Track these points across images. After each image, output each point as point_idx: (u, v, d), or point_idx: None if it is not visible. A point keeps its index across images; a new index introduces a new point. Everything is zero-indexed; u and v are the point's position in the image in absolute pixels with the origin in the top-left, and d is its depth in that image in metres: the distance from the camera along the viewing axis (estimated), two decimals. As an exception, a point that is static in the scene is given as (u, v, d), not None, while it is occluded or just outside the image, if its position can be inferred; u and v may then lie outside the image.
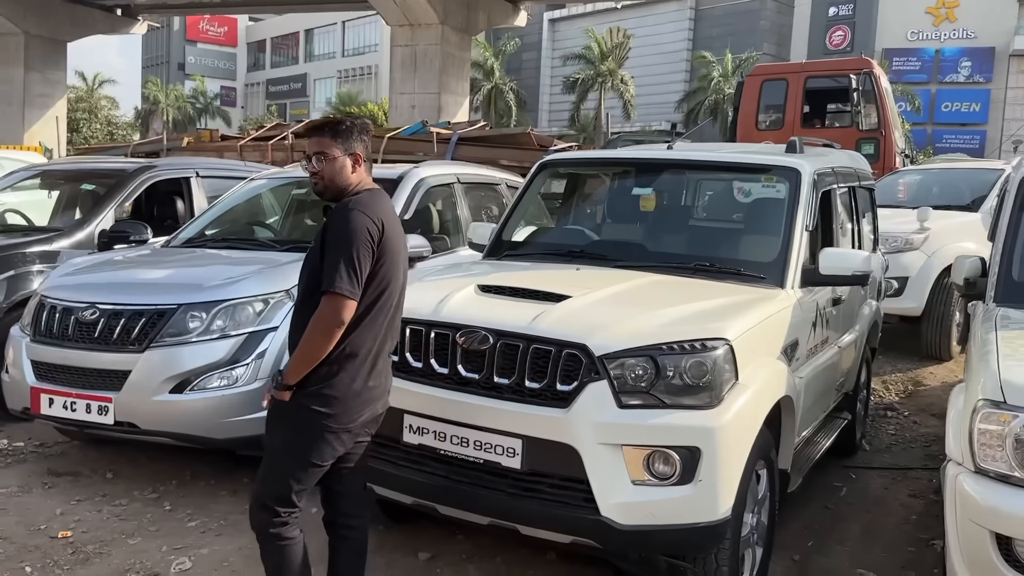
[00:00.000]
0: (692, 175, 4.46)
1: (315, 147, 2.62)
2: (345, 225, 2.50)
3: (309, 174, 2.66)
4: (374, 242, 2.53)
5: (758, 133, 11.38)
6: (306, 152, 2.67)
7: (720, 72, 40.35)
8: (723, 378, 2.84)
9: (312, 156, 2.62)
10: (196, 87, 59.53)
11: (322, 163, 2.61)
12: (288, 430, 2.58)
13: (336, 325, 2.47)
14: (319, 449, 2.56)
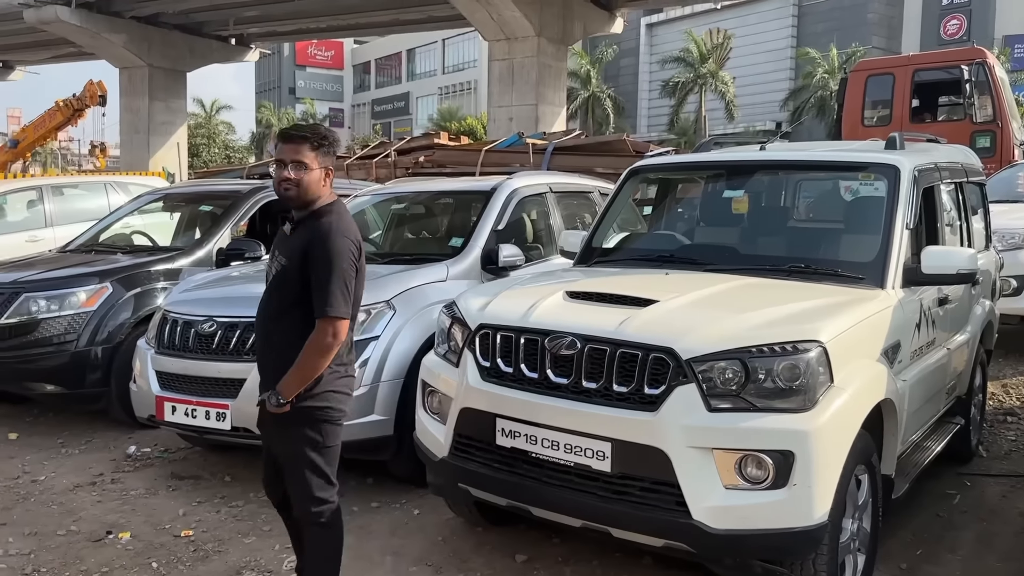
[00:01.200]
0: (786, 176, 4.38)
1: (293, 154, 2.64)
2: (331, 248, 2.62)
3: (280, 179, 2.65)
4: (356, 261, 2.71)
5: (864, 130, 10.98)
6: (281, 157, 2.65)
7: (826, 68, 39.07)
8: (817, 381, 2.79)
9: (289, 163, 2.64)
10: (306, 110, 62.01)
11: (299, 172, 2.65)
12: (301, 432, 2.76)
13: (335, 346, 2.66)
14: (334, 434, 2.82)
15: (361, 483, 4.55)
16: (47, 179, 11.32)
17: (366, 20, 30.03)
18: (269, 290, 2.81)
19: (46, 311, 5.49)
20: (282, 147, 2.68)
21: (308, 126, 2.78)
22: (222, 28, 30.34)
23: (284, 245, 2.77)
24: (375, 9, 27.56)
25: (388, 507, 4.24)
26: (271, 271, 2.82)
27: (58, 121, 23.15)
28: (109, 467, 4.95)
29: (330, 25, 31.34)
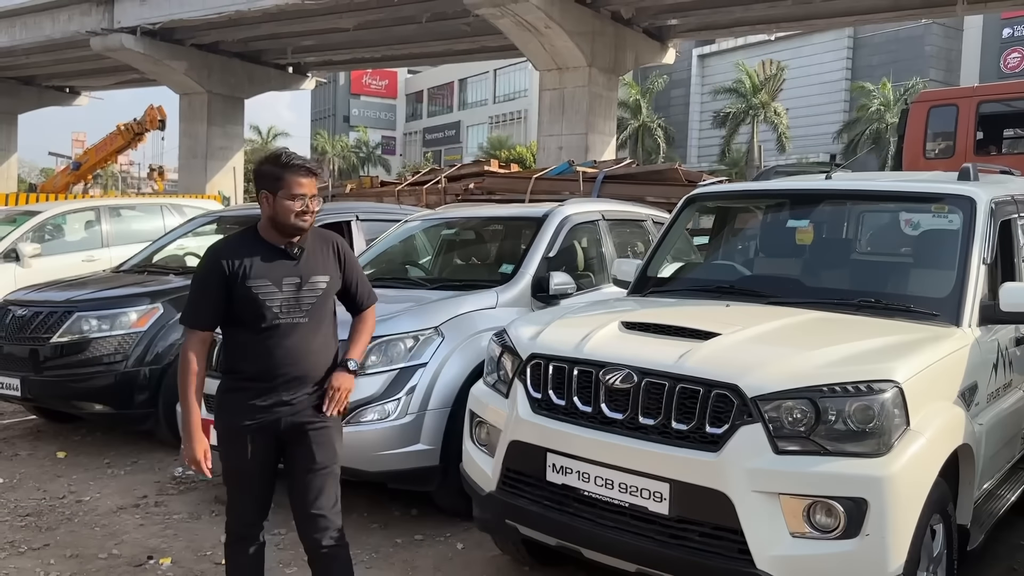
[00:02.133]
0: (853, 206, 4.20)
1: (311, 189, 2.74)
2: (353, 253, 3.03)
3: (305, 211, 2.71)
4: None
5: (926, 162, 10.65)
6: (306, 192, 2.71)
7: (881, 101, 38.43)
8: (892, 424, 2.61)
9: (311, 196, 2.73)
10: (359, 137, 63.02)
11: (316, 204, 2.75)
12: (336, 437, 2.88)
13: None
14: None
15: (405, 514, 4.44)
16: (105, 200, 11.56)
17: (420, 50, 30.42)
18: (308, 310, 2.76)
19: (97, 330, 5.52)
20: (303, 182, 2.72)
21: (314, 160, 2.86)
22: (280, 57, 30.99)
23: (305, 268, 2.77)
24: (429, 39, 27.89)
25: (432, 540, 4.11)
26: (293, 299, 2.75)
27: (119, 144, 23.83)
28: (153, 489, 4.92)
29: (385, 55, 31.81)
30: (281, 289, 2.72)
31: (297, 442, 2.78)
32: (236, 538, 2.88)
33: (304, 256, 2.78)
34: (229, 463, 2.83)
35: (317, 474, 2.80)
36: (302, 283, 2.75)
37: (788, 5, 21.64)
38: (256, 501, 2.86)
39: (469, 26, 24.25)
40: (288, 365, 2.72)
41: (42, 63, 33.22)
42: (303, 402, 2.77)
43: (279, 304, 2.71)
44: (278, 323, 2.71)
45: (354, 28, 25.56)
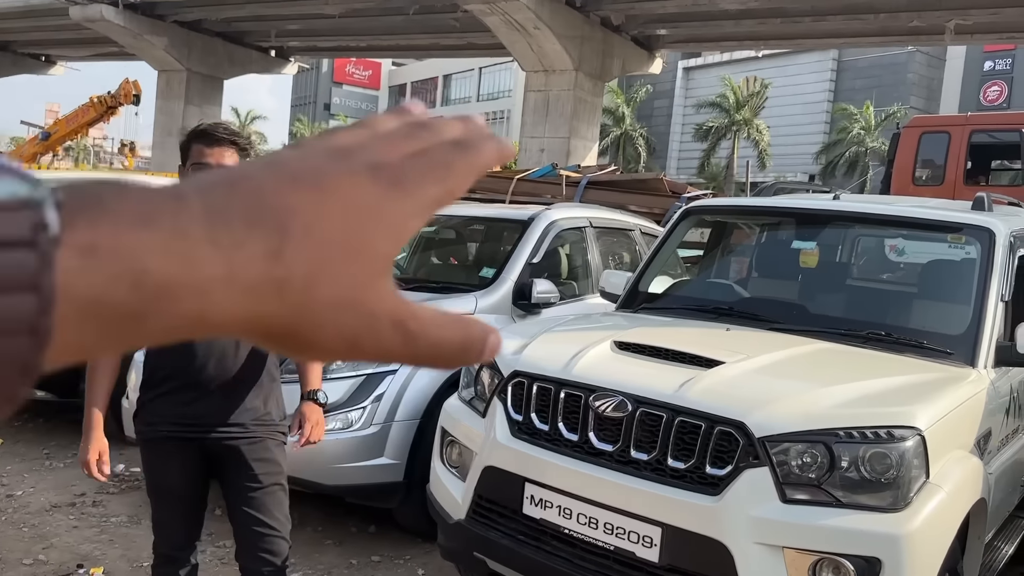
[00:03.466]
0: (863, 230, 3.96)
1: (220, 159, 2.24)
2: None
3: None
4: None
5: (914, 188, 10.53)
6: (204, 160, 2.22)
7: (862, 125, 38.69)
8: (911, 475, 2.36)
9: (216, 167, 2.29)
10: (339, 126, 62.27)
11: None
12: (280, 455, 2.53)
13: None
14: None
15: (363, 531, 4.12)
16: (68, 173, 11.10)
17: (406, 42, 30.02)
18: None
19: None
20: (204, 149, 2.25)
21: (228, 125, 2.38)
22: (263, 39, 30.43)
23: None
24: (415, 32, 27.51)
25: (390, 562, 3.80)
26: None
27: (91, 117, 23.15)
28: (93, 486, 4.55)
29: (370, 45, 31.37)
30: None
31: (230, 458, 2.42)
32: (164, 560, 2.54)
33: None
34: (149, 477, 2.51)
35: (260, 492, 2.46)
36: None
37: (777, 23, 21.62)
38: (184, 520, 2.51)
39: (457, 21, 23.93)
40: (211, 365, 2.36)
41: (18, 29, 32.33)
42: (229, 410, 2.40)
43: None
44: None
45: (340, 15, 25.10)
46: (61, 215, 0.28)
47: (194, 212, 0.30)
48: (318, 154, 0.35)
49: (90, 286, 0.28)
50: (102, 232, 0.28)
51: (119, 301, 0.28)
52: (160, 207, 0.30)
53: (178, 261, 0.29)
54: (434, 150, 0.37)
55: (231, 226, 0.31)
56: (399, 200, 0.35)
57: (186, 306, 0.30)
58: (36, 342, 0.27)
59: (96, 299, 0.28)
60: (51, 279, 0.27)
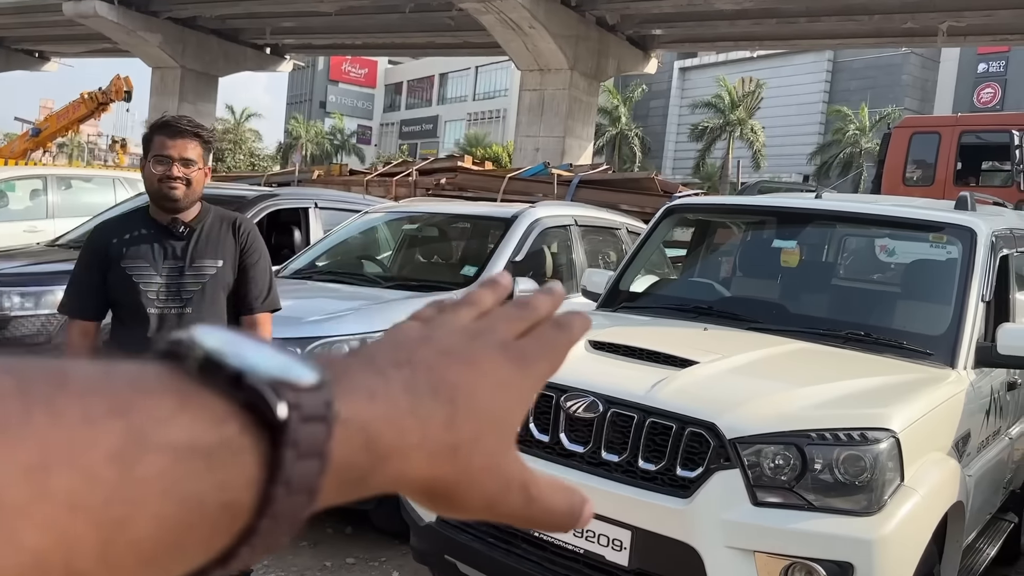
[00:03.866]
0: (845, 230, 3.92)
1: (183, 151, 2.30)
2: (262, 244, 2.55)
3: (165, 176, 2.29)
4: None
5: (905, 188, 10.51)
6: (166, 152, 2.29)
7: (856, 126, 38.73)
8: (885, 478, 2.31)
9: (179, 160, 2.30)
10: (335, 124, 62.16)
11: (189, 170, 2.32)
12: None
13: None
14: None
15: (339, 532, 4.07)
16: (53, 169, 11.03)
17: (401, 40, 29.96)
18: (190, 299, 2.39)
19: (19, 308, 5.07)
20: (166, 141, 2.30)
21: (192, 119, 2.41)
22: (258, 36, 30.33)
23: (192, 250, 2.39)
24: (411, 30, 27.46)
25: (365, 565, 3.75)
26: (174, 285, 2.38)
27: (81, 113, 23.03)
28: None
29: (365, 43, 31.29)
30: (159, 272, 2.35)
31: None
32: None
33: (195, 237, 2.40)
34: None
35: None
36: (185, 267, 2.38)
37: (772, 24, 21.61)
38: None
39: (453, 20, 23.87)
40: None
41: (12, 25, 32.20)
42: None
43: (155, 289, 2.35)
44: (154, 311, 2.34)
45: (335, 12, 25.03)
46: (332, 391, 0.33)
47: (398, 387, 0.35)
48: (456, 333, 0.40)
49: (346, 453, 0.33)
50: (351, 408, 0.33)
51: (359, 464, 0.34)
52: (377, 383, 0.35)
53: (395, 430, 0.35)
54: (543, 332, 0.43)
55: (422, 398, 0.36)
56: (524, 376, 0.40)
57: (394, 467, 0.35)
58: (310, 499, 0.32)
59: (348, 463, 0.33)
60: (331, 447, 0.32)
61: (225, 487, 0.30)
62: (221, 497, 0.30)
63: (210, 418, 0.30)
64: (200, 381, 0.31)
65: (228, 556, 0.31)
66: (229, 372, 0.31)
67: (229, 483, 0.30)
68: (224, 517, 0.30)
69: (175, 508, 0.28)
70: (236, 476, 0.30)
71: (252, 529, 0.30)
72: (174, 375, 0.31)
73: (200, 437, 0.30)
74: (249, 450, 0.30)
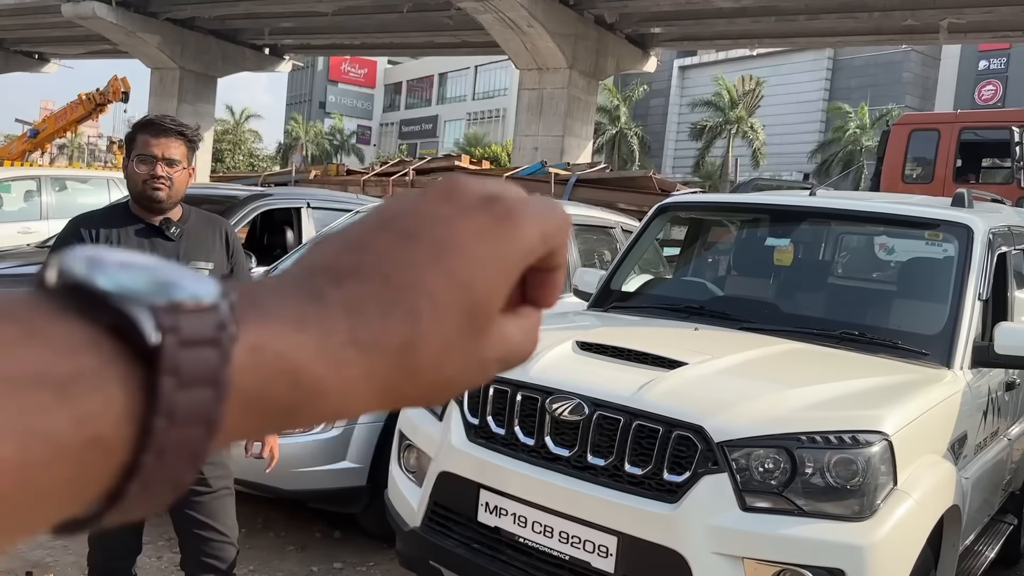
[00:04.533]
0: (839, 227, 3.85)
1: (167, 151, 2.27)
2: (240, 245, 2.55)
3: (150, 176, 2.25)
4: None
5: (904, 186, 10.44)
6: (150, 152, 2.25)
7: (857, 124, 38.64)
8: (878, 482, 2.25)
9: (163, 159, 2.26)
10: (334, 125, 62.11)
11: (174, 169, 2.28)
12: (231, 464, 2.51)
13: None
14: None
15: (327, 536, 4.01)
16: (48, 170, 10.98)
17: (400, 40, 29.89)
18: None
19: (7, 310, 5.01)
20: (149, 140, 2.27)
21: (176, 119, 2.38)
22: (257, 37, 30.28)
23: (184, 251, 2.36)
24: (410, 30, 27.40)
25: (353, 570, 3.69)
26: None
27: (79, 114, 22.97)
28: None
29: (364, 43, 31.22)
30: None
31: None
32: (101, 572, 2.44)
33: (184, 238, 2.36)
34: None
35: (208, 497, 2.37)
36: (202, 265, 2.37)
37: (771, 21, 21.53)
38: (122, 530, 2.40)
39: (451, 19, 23.80)
40: None
41: (11, 26, 32.17)
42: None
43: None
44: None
45: (333, 13, 24.96)
46: (233, 315, 0.29)
47: (336, 312, 0.32)
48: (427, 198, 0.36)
49: (256, 382, 0.30)
50: (267, 333, 0.30)
51: (279, 397, 0.30)
52: (308, 308, 0.31)
53: (327, 363, 0.31)
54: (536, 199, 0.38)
55: (369, 323, 0.32)
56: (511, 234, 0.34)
57: (332, 402, 0.32)
58: (208, 432, 0.29)
59: (260, 394, 0.30)
60: (228, 375, 0.29)
61: (85, 421, 0.26)
62: (81, 433, 0.26)
63: (61, 347, 0.27)
64: (60, 307, 0.27)
65: (117, 496, 0.28)
66: (94, 295, 0.27)
67: (90, 417, 0.26)
68: (92, 454, 0.27)
69: (14, 447, 0.25)
70: (100, 409, 0.27)
71: (135, 465, 0.27)
72: (29, 303, 0.27)
73: (46, 368, 0.26)
74: (118, 380, 0.27)
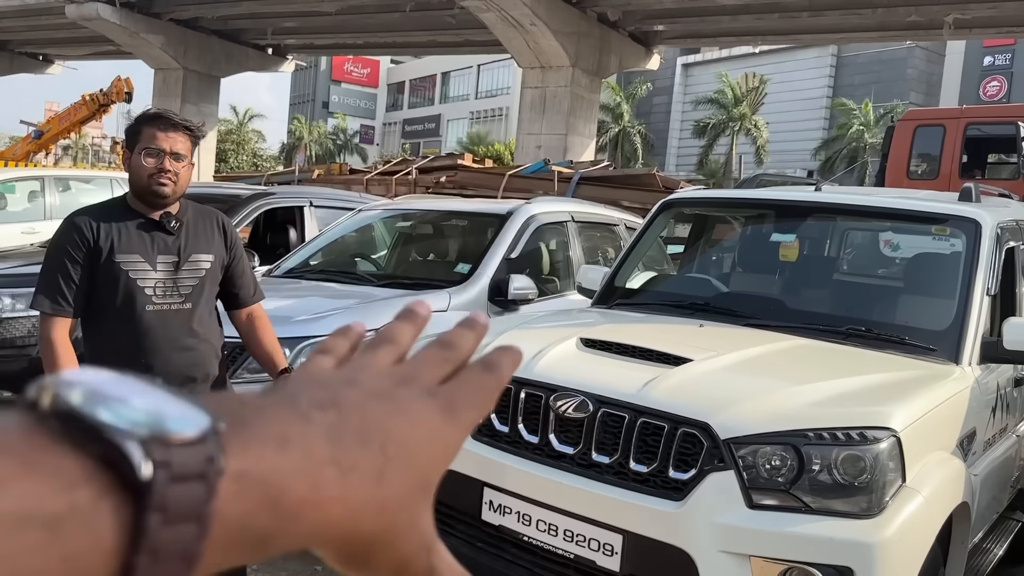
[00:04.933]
0: (845, 223, 3.82)
1: (174, 145, 2.26)
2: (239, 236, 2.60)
3: (158, 170, 2.23)
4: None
5: (909, 182, 10.39)
6: (158, 145, 2.24)
7: (861, 121, 38.54)
8: (886, 479, 2.23)
9: (170, 153, 2.25)
10: (338, 124, 62.15)
11: (180, 164, 2.29)
12: None
13: None
14: None
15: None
16: (50, 170, 10.99)
17: (403, 40, 29.88)
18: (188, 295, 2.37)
19: (10, 310, 5.01)
20: (156, 133, 2.25)
21: (174, 114, 2.35)
22: (260, 37, 30.30)
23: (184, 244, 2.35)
24: (413, 29, 27.39)
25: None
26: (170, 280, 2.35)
27: (83, 115, 23.02)
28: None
29: (367, 42, 31.22)
30: (155, 268, 2.31)
31: None
32: None
33: (183, 231, 2.35)
34: None
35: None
36: (180, 262, 2.34)
37: (775, 19, 21.47)
38: None
39: (454, 18, 23.77)
40: (164, 360, 2.30)
41: (15, 28, 32.23)
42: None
43: (153, 285, 2.30)
44: (152, 308, 2.29)
45: (336, 12, 24.96)
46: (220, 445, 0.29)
47: (319, 432, 0.32)
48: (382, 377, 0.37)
49: (238, 512, 0.29)
50: (251, 459, 0.29)
51: (259, 525, 0.29)
52: (292, 428, 0.31)
53: (307, 482, 0.31)
54: (470, 375, 0.39)
55: (348, 446, 0.32)
56: (454, 426, 0.36)
57: (308, 524, 0.31)
58: (187, 567, 0.28)
59: (241, 523, 0.29)
60: (212, 510, 0.28)
61: (73, 561, 0.25)
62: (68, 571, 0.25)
63: (58, 481, 0.26)
64: (57, 437, 0.26)
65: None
66: (87, 425, 0.27)
67: (79, 555, 0.25)
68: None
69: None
70: (88, 547, 0.26)
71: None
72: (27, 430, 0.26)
73: (43, 504, 0.25)
74: (107, 515, 0.26)
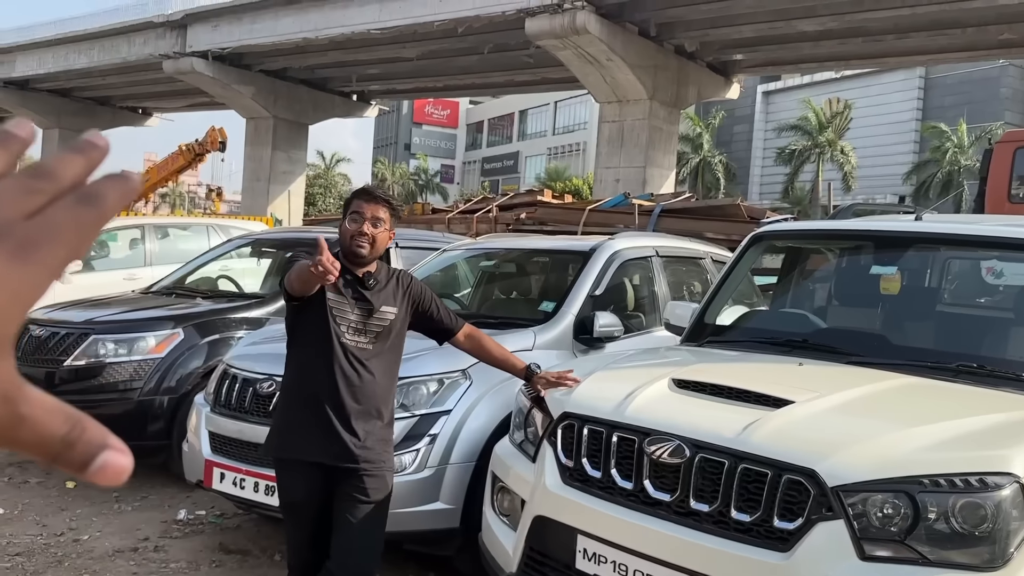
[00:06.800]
0: (947, 252, 3.64)
1: (375, 212, 2.71)
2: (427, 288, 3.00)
3: (357, 233, 2.67)
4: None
5: (1011, 206, 9.89)
6: (362, 212, 2.68)
7: (955, 143, 37.09)
8: (1010, 527, 2.07)
9: (370, 219, 2.68)
10: (419, 165, 63.47)
11: (377, 229, 2.70)
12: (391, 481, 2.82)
13: None
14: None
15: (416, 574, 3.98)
16: (150, 219, 11.51)
17: (481, 81, 30.44)
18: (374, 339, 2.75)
19: (113, 355, 5.22)
20: (361, 203, 2.72)
21: (381, 188, 2.91)
22: (345, 84, 31.31)
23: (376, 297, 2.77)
24: (490, 70, 27.89)
25: (448, 614, 3.63)
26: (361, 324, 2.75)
27: (180, 164, 24.11)
28: (157, 530, 4.56)
29: (447, 85, 31.92)
30: (352, 310, 2.72)
31: (347, 478, 2.68)
32: (295, 572, 2.83)
33: (377, 287, 2.79)
34: (280, 495, 2.86)
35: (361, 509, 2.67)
36: (374, 310, 2.75)
37: (858, 43, 20.99)
38: (311, 538, 2.76)
39: (531, 57, 24.08)
40: (346, 391, 2.66)
41: (117, 84, 34.19)
42: (355, 440, 2.66)
43: (347, 324, 2.71)
44: (343, 342, 2.68)
45: (417, 58, 25.64)
46: None
47: None
48: None
49: None
50: None
51: None
52: None
53: None
54: (61, 208, 0.35)
55: None
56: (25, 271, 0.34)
57: None
58: None
59: None
60: None
61: None
62: None
63: None
64: None
65: None
66: None
67: None
68: None
69: None
70: None
71: None
72: None
73: None
74: None
